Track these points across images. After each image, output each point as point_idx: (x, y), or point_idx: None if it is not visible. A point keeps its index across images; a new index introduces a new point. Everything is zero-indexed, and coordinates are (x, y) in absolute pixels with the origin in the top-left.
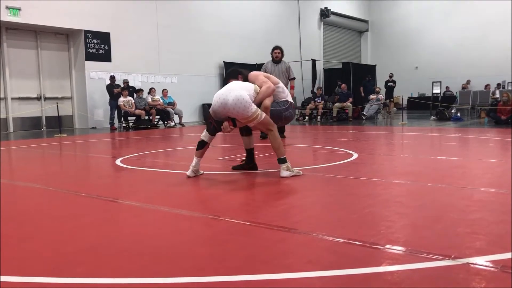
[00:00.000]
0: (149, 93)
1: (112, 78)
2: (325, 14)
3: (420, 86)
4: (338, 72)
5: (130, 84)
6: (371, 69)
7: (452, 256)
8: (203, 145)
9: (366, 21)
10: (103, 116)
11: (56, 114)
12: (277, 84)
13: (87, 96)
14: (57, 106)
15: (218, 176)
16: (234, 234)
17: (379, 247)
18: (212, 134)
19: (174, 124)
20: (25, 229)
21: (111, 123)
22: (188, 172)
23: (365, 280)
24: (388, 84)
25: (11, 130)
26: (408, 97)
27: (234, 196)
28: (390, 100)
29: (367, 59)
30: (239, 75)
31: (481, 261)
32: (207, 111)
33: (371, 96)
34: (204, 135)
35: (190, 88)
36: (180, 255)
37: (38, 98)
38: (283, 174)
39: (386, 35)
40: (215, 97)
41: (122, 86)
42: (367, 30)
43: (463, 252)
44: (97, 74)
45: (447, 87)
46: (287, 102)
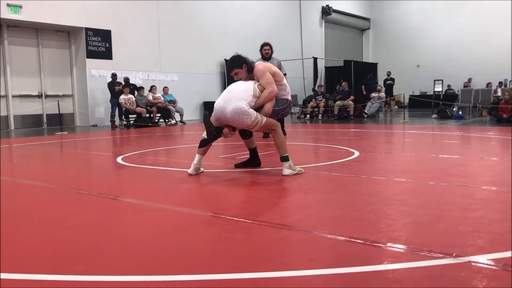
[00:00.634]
0: (150, 91)
1: (114, 76)
2: (326, 12)
3: (422, 84)
4: (340, 70)
5: (131, 82)
6: (373, 67)
7: (454, 254)
8: (205, 143)
9: (367, 19)
10: (104, 114)
11: (57, 112)
12: (280, 82)
13: (88, 93)
14: (58, 103)
15: (219, 174)
16: (235, 232)
17: (381, 245)
18: (211, 141)
19: (175, 122)
20: (25, 226)
21: (112, 121)
22: (190, 169)
23: (366, 279)
24: (387, 82)
25: (12, 127)
26: (410, 95)
27: (235, 194)
28: (391, 98)
29: (368, 57)
30: (243, 64)
31: (482, 259)
32: (207, 119)
33: (373, 94)
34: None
35: (191, 86)
36: (181, 253)
37: (39, 96)
38: (285, 172)
39: (387, 33)
40: (215, 106)
41: (123, 83)
42: (368, 28)
43: (465, 251)
44: (98, 72)
45: (448, 85)
46: (287, 101)
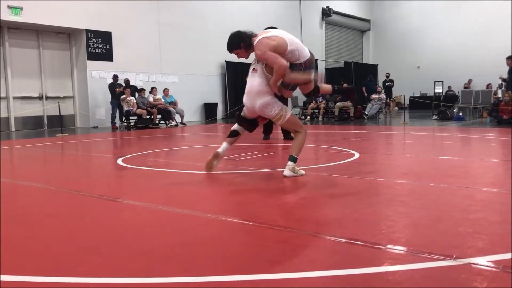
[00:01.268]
0: (150, 92)
1: (114, 78)
2: (326, 13)
3: (422, 86)
4: (340, 71)
5: (132, 83)
6: (373, 68)
7: (454, 256)
8: (235, 134)
9: (368, 20)
10: (105, 115)
11: (58, 114)
12: (285, 53)
13: (88, 95)
14: (58, 105)
15: (220, 175)
16: (235, 233)
17: (381, 247)
18: (249, 130)
19: (175, 123)
20: (26, 228)
21: (113, 123)
22: (215, 152)
23: (366, 280)
24: (386, 84)
25: (13, 129)
26: (410, 96)
27: (236, 196)
28: (391, 99)
29: (369, 58)
30: (240, 44)
31: (483, 261)
32: (240, 117)
33: (373, 96)
34: (237, 126)
35: (192, 87)
36: (181, 254)
37: (40, 98)
38: (286, 173)
39: (388, 35)
40: (244, 104)
41: (123, 85)
42: (369, 30)
43: (465, 252)
44: (98, 74)
45: (449, 87)
46: (301, 64)
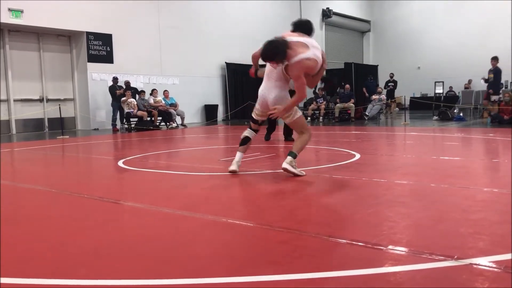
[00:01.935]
0: (151, 94)
1: (115, 80)
2: (326, 14)
3: (423, 86)
4: (340, 72)
5: (132, 85)
6: (373, 69)
7: (455, 256)
8: (246, 141)
9: (368, 21)
10: (105, 117)
11: (59, 116)
12: (313, 73)
13: (89, 97)
14: (59, 107)
15: (220, 177)
16: (236, 235)
17: (382, 247)
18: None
19: (176, 125)
20: (27, 230)
21: (114, 125)
22: (232, 167)
23: (367, 281)
24: (389, 84)
25: (14, 132)
26: (411, 97)
27: (237, 197)
28: (392, 100)
29: (369, 59)
30: (275, 58)
31: (484, 261)
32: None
33: (374, 97)
34: (248, 132)
35: (192, 89)
36: (182, 256)
37: (41, 100)
38: (285, 165)
39: (388, 35)
40: (259, 93)
41: (124, 87)
42: (369, 30)
43: (466, 253)
44: (99, 76)
45: (450, 87)
46: (321, 67)
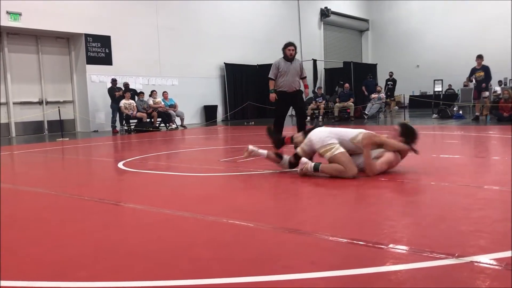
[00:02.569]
0: (150, 95)
1: (114, 81)
2: (325, 14)
3: (422, 84)
4: (339, 71)
5: (131, 87)
6: (372, 68)
7: (456, 254)
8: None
9: (366, 20)
10: (105, 119)
11: (58, 118)
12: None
13: (88, 99)
14: (58, 110)
15: (220, 177)
16: (236, 235)
17: (383, 246)
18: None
19: (175, 126)
20: (27, 233)
21: (113, 126)
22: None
23: (368, 280)
24: (388, 83)
25: (13, 134)
26: (410, 95)
27: (236, 198)
28: (391, 99)
29: (368, 58)
30: None
31: (485, 259)
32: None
33: (373, 95)
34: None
35: (191, 90)
36: (183, 257)
37: (40, 103)
38: (298, 171)
39: (387, 34)
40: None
41: (123, 89)
42: (367, 29)
43: (467, 251)
44: (98, 78)
45: (449, 85)
46: None
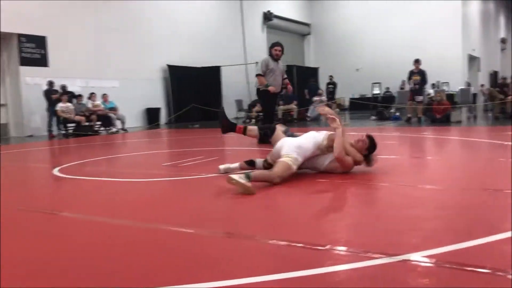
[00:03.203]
0: (89, 98)
1: (50, 83)
2: (268, 17)
3: (362, 88)
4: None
5: (69, 89)
6: (314, 71)
7: (390, 253)
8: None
9: (308, 24)
10: (41, 123)
11: None
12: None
13: (22, 102)
14: None
15: (161, 183)
16: (176, 242)
17: (320, 248)
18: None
19: (116, 130)
20: None
21: (50, 131)
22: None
23: (304, 283)
24: (329, 86)
25: None
26: (350, 98)
27: (177, 203)
28: (332, 101)
29: (310, 62)
30: None
31: (416, 257)
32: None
33: (315, 98)
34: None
35: (133, 92)
36: (118, 266)
37: None
38: (234, 176)
39: (327, 38)
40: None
41: (60, 91)
42: (309, 33)
43: (400, 249)
44: (33, 80)
45: (387, 88)
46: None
